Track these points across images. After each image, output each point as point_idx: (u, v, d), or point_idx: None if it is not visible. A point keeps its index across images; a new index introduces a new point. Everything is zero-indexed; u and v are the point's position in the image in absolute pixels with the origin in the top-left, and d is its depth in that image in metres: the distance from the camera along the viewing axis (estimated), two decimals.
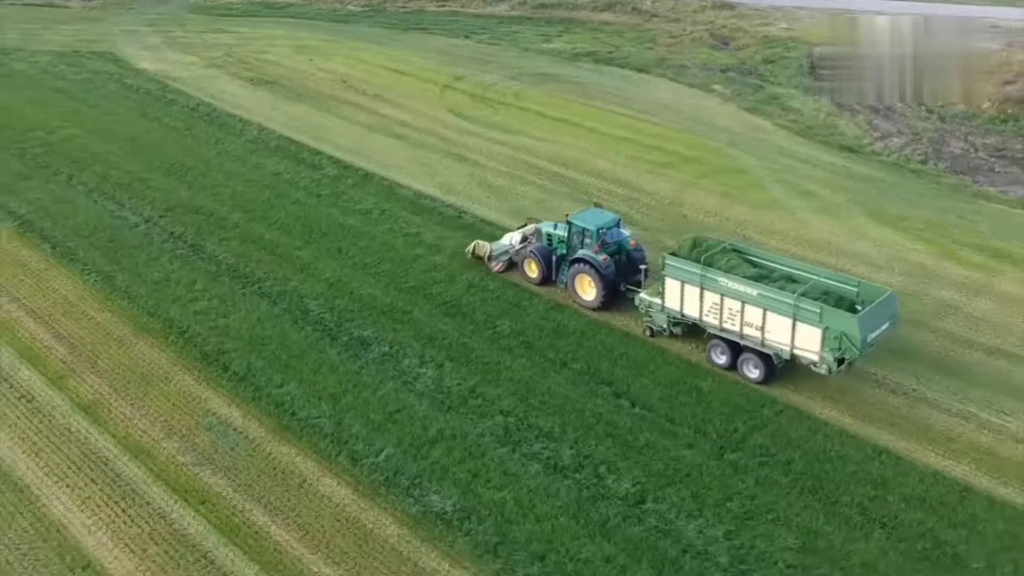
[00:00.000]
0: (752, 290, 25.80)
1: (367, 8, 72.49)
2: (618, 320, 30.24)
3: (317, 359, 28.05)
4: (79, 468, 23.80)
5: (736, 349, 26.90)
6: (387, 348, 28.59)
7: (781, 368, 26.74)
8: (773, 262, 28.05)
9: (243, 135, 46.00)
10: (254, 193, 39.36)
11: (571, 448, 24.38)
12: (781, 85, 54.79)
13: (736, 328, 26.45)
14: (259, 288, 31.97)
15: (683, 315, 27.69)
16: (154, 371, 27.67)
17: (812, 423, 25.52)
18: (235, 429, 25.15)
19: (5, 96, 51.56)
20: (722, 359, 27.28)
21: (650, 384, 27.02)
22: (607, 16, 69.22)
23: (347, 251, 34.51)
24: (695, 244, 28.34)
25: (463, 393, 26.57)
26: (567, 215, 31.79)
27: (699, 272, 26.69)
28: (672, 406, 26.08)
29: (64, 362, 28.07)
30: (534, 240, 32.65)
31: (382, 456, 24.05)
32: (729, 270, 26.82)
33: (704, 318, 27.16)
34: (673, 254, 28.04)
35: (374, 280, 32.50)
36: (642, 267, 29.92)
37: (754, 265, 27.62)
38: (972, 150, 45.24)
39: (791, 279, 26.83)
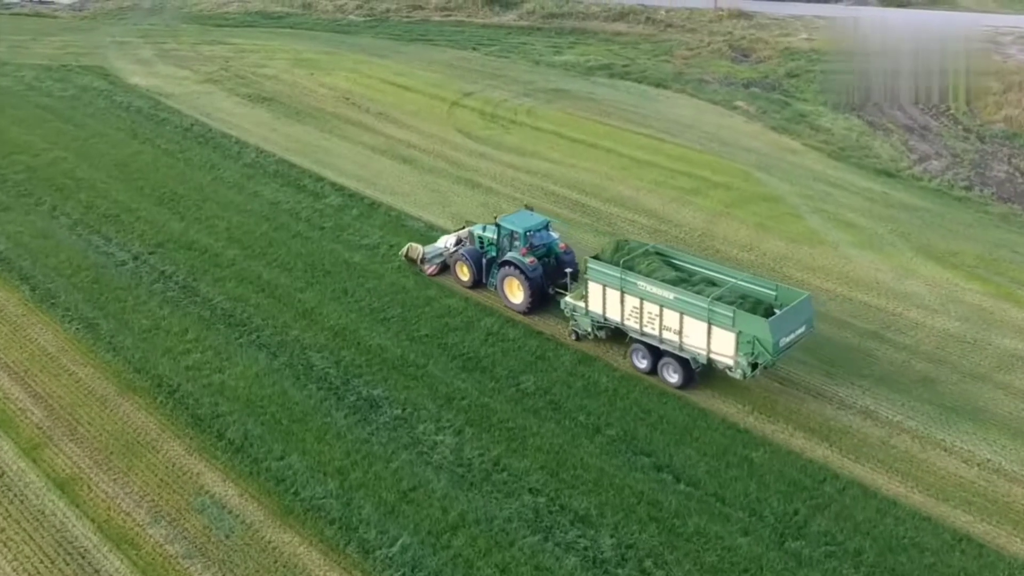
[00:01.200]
0: (669, 294, 25.64)
1: (369, 18, 69.63)
2: (652, 375, 27.44)
3: (322, 424, 25.16)
4: (53, 562, 20.90)
5: (656, 353, 26.64)
6: (399, 410, 25.72)
7: (699, 373, 26.37)
8: (696, 265, 27.86)
9: (240, 158, 43.12)
10: (251, 225, 36.47)
11: (611, 536, 21.49)
12: (808, 101, 51.99)
13: (655, 332, 26.28)
14: (257, 338, 29.09)
15: (606, 319, 27.55)
16: (140, 438, 24.77)
17: (880, 502, 22.66)
18: (230, 511, 22.24)
19: None
20: (643, 363, 27.04)
21: (695, 455, 24.16)
22: (620, 26, 66.42)
23: (353, 293, 31.64)
24: (618, 247, 28.28)
25: (486, 466, 23.70)
26: (495, 217, 31.40)
27: (619, 275, 26.47)
28: (721, 482, 23.22)
29: (40, 428, 25.17)
30: (467, 243, 32.34)
31: (397, 546, 21.14)
32: (649, 273, 26.66)
33: (625, 322, 26.98)
34: (595, 257, 27.76)
35: (383, 328, 29.63)
36: (568, 270, 29.41)
37: (676, 268, 27.51)
38: (1018, 174, 42.42)
39: (712, 283, 26.62)
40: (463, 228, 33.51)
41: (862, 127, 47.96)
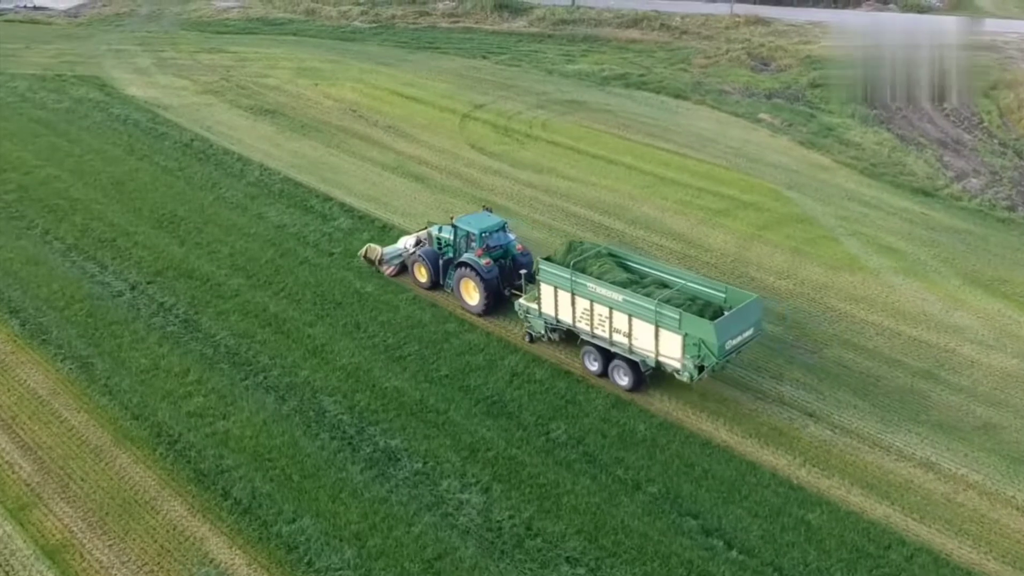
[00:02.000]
0: (618, 296, 25.49)
1: (374, 25, 67.47)
2: (691, 419, 25.37)
3: (336, 480, 23.04)
4: None
5: (607, 356, 26.47)
6: (420, 463, 23.60)
7: (649, 376, 26.17)
8: (649, 267, 27.79)
9: (243, 177, 40.97)
10: (256, 251, 34.33)
11: None
12: (834, 113, 49.93)
13: (606, 335, 26.13)
14: (264, 379, 26.95)
15: (558, 321, 27.43)
16: (138, 496, 22.64)
17: (952, 572, 20.64)
18: None
19: None
20: (594, 366, 26.95)
21: (746, 516, 22.08)
22: (633, 33, 64.31)
23: (366, 327, 29.52)
24: (570, 248, 28.14)
25: (518, 530, 21.59)
26: (452, 217, 31.24)
27: (569, 277, 26.34)
28: (777, 548, 21.13)
29: (29, 484, 23.03)
30: (427, 244, 32.06)
31: None
32: (600, 275, 26.49)
33: (577, 324, 26.89)
34: (547, 259, 27.60)
35: (399, 368, 27.50)
36: (522, 272, 29.12)
37: (628, 270, 27.42)
38: None
39: (664, 285, 26.56)
40: (424, 229, 32.97)
41: (893, 141, 45.89)
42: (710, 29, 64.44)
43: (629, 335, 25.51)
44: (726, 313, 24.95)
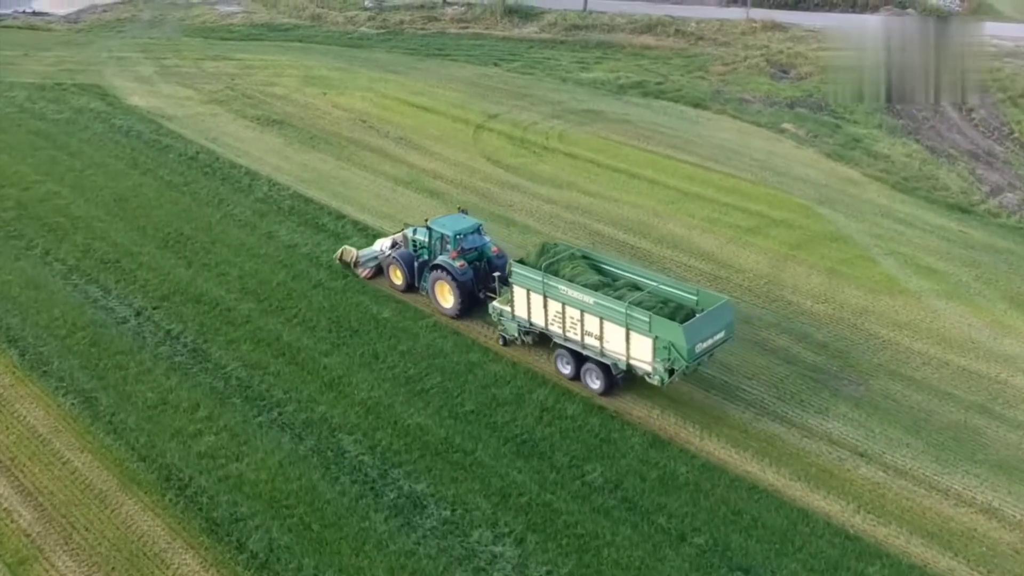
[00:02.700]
0: (589, 298, 25.34)
1: (382, 31, 65.81)
2: (736, 460, 23.81)
3: (359, 530, 21.45)
4: None
5: (580, 359, 26.31)
6: (448, 511, 22.03)
7: (622, 380, 25.96)
8: (622, 270, 27.59)
9: (251, 192, 39.36)
10: (267, 273, 32.75)
11: None
12: (859, 124, 48.36)
13: (578, 337, 25.98)
14: (279, 415, 25.37)
15: (531, 324, 27.24)
16: (146, 548, 21.07)
17: None
18: None
19: None
20: (567, 369, 26.78)
21: (801, 570, 20.44)
22: (648, 39, 62.68)
23: (385, 357, 27.93)
24: (543, 250, 27.90)
25: None
26: (426, 220, 31.09)
27: (541, 280, 26.18)
28: None
29: (29, 535, 21.46)
30: (402, 246, 31.79)
31: None
32: (572, 278, 26.30)
33: (549, 327, 26.72)
34: (520, 261, 27.44)
35: (422, 402, 25.92)
36: (496, 274, 28.84)
37: (602, 273, 27.27)
38: None
39: (636, 287, 26.36)
40: (400, 232, 32.70)
41: (923, 153, 44.33)
42: (726, 35, 62.83)
43: (600, 338, 25.35)
44: (696, 316, 24.76)
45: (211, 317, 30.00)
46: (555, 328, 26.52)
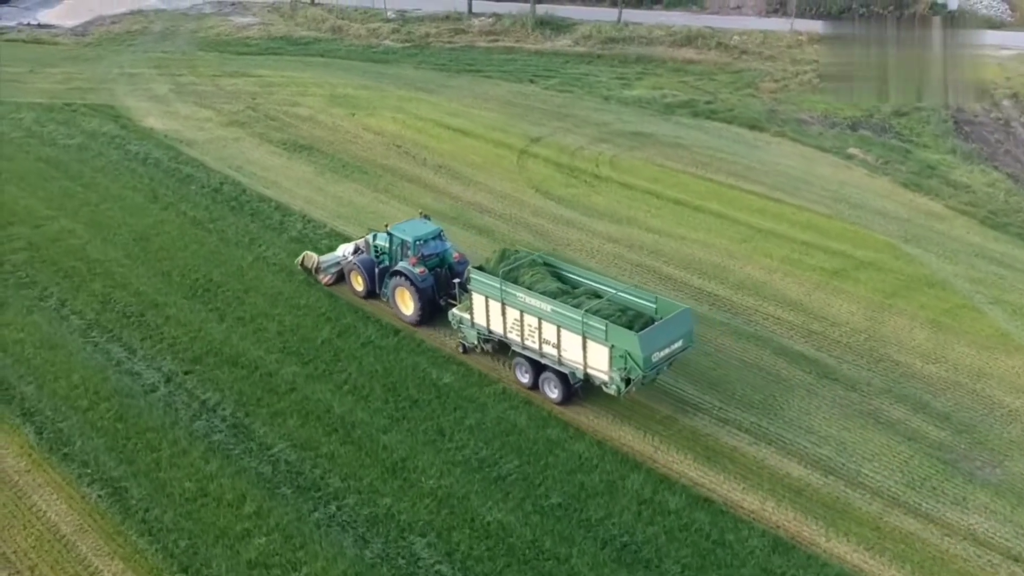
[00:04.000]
0: (546, 306, 24.87)
1: (407, 44, 62.36)
2: (874, 566, 20.45)
3: None
4: None
5: (538, 368, 25.83)
6: None
7: (580, 389, 25.52)
8: (583, 277, 27.06)
9: (283, 230, 35.96)
10: (309, 328, 29.37)
11: None
12: (929, 148, 45.09)
13: (536, 345, 25.58)
14: (338, 510, 21.97)
15: (490, 332, 26.75)
16: None
17: None
18: None
19: None
20: (525, 378, 26.31)
21: None
22: (689, 53, 59.34)
23: (452, 434, 24.55)
24: (503, 256, 27.54)
25: None
26: (386, 225, 30.74)
27: (499, 286, 25.72)
28: None
29: None
30: (364, 252, 31.21)
31: None
32: (531, 285, 25.89)
33: (508, 335, 26.27)
34: (479, 268, 27.09)
35: (500, 492, 22.53)
36: (456, 280, 28.35)
37: (563, 280, 26.82)
38: None
39: (597, 295, 25.88)
40: (364, 237, 32.22)
41: (1006, 183, 41.06)
42: (771, 48, 59.52)
43: (558, 346, 24.94)
44: (653, 324, 24.26)
45: (251, 384, 26.61)
46: (513, 336, 26.11)
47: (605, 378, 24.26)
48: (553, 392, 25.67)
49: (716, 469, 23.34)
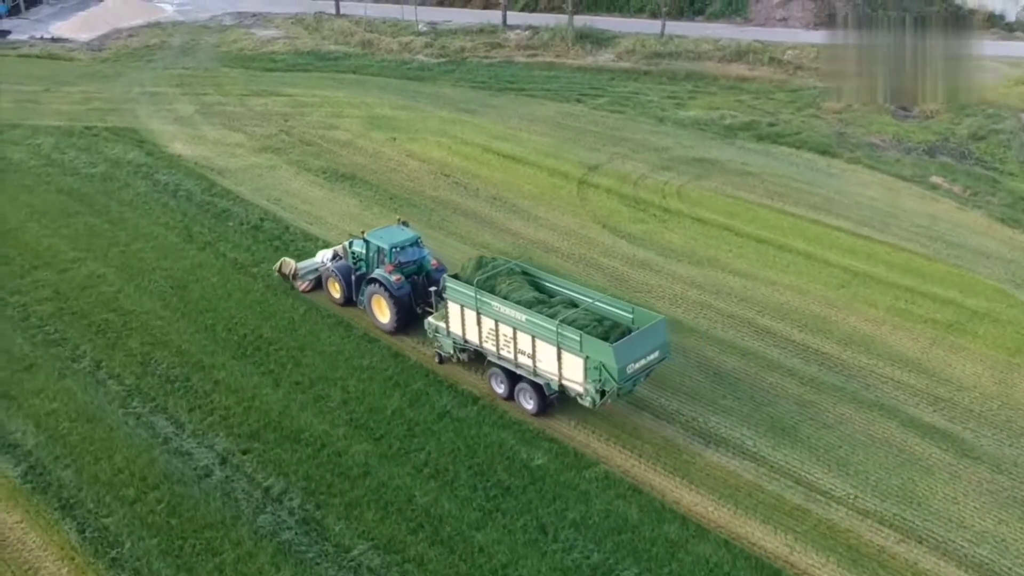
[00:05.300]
0: (521, 315, 24.51)
1: (442, 60, 59.05)
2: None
3: None
4: None
5: (513, 378, 25.37)
6: None
7: (556, 400, 25.01)
8: (560, 286, 26.60)
9: None
10: (376, 395, 26.17)
11: None
12: (1016, 176, 41.93)
13: (511, 356, 25.17)
14: None
15: (465, 341, 26.41)
16: None
17: None
18: None
19: None
20: (500, 388, 25.88)
21: None
22: (740, 69, 56.17)
23: (555, 531, 21.33)
24: (480, 264, 27.17)
25: None
26: (362, 231, 30.30)
27: (474, 295, 25.36)
28: None
29: None
30: (343, 258, 30.76)
31: None
32: (508, 294, 25.56)
33: (483, 344, 25.91)
34: (454, 276, 26.85)
35: None
36: (432, 288, 28.01)
37: (540, 289, 26.43)
38: None
39: (573, 304, 25.41)
40: (342, 244, 31.58)
41: None
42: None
43: (533, 357, 24.52)
44: (626, 336, 23.73)
45: (318, 466, 23.42)
46: (489, 346, 25.67)
47: (580, 390, 23.87)
48: (528, 403, 25.17)
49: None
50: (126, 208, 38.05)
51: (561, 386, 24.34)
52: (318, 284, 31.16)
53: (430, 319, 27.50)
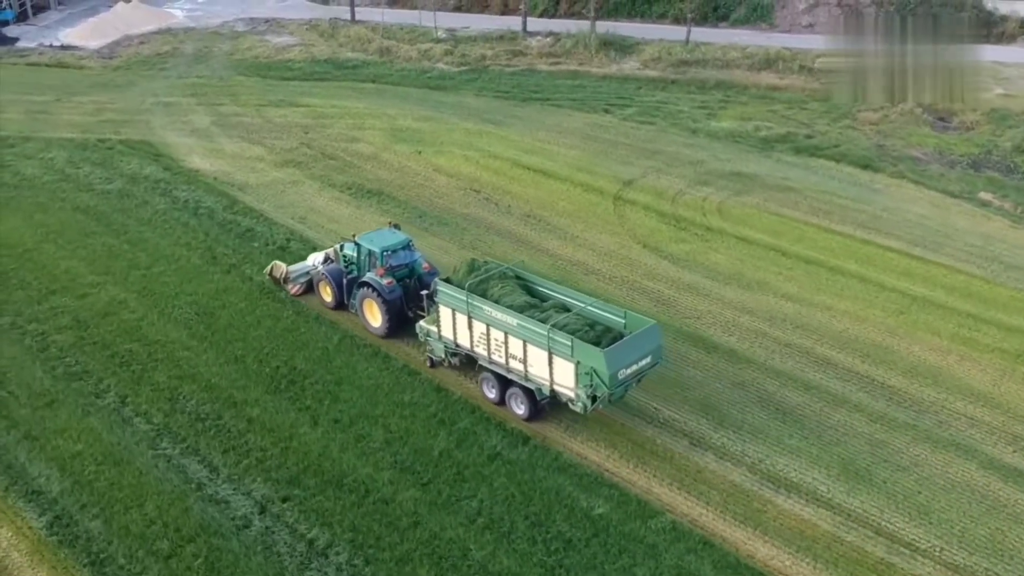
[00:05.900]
0: (512, 320, 24.25)
1: (463, 68, 57.48)
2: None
3: None
4: None
5: (504, 383, 25.24)
6: None
7: (547, 406, 24.85)
8: (552, 291, 26.25)
9: None
10: (421, 435, 24.62)
11: None
12: None
13: (502, 360, 24.93)
14: None
15: (457, 345, 26.19)
16: None
17: None
18: None
19: (11, 222, 36.79)
20: (491, 393, 25.73)
21: None
22: (770, 77, 54.65)
23: None
24: (472, 268, 26.94)
25: None
26: (354, 235, 30.24)
27: (465, 299, 25.16)
28: None
29: None
30: (334, 261, 30.66)
31: None
32: (499, 298, 25.22)
33: (475, 348, 25.66)
34: (446, 279, 26.50)
35: None
36: (423, 292, 27.61)
37: (532, 294, 26.10)
38: None
39: (565, 309, 25.14)
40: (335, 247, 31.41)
41: None
42: None
43: (525, 361, 24.30)
44: (620, 340, 23.43)
45: (364, 515, 21.87)
46: (480, 350, 25.45)
47: (571, 395, 23.63)
48: (519, 408, 25.04)
49: None
50: (145, 227, 36.50)
51: (552, 391, 24.13)
52: (309, 288, 31.10)
53: (421, 323, 27.29)
